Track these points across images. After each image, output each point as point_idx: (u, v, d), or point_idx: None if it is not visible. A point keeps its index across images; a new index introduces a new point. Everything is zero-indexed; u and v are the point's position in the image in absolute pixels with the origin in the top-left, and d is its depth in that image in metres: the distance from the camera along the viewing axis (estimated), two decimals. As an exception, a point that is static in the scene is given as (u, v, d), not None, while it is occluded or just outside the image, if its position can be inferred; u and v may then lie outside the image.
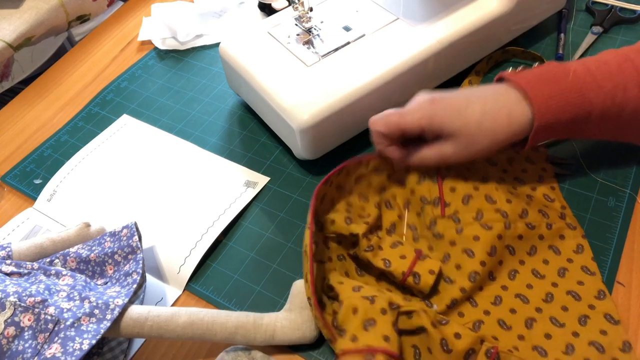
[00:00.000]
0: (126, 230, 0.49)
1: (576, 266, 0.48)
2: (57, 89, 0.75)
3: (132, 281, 0.46)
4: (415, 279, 0.46)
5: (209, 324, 0.43)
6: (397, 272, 0.46)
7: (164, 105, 0.69)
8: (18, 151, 0.67)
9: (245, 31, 0.62)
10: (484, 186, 0.51)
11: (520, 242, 0.49)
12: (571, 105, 0.45)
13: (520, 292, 0.47)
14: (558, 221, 0.50)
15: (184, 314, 0.43)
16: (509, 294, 0.47)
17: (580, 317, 0.45)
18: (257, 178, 0.59)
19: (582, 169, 0.55)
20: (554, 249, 0.49)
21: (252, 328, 0.43)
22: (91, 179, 0.61)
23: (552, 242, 0.49)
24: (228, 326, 0.43)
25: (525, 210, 0.49)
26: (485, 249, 0.47)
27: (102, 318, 0.42)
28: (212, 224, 0.55)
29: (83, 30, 1.05)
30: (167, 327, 0.42)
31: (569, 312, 0.45)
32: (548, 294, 0.46)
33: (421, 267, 0.46)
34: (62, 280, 0.46)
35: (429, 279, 0.46)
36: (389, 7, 0.62)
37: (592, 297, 0.46)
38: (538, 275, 0.48)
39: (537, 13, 0.66)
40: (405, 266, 0.46)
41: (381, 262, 0.47)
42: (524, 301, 0.46)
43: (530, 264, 0.48)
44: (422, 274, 0.46)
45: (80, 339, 0.41)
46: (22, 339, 0.41)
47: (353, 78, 0.55)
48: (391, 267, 0.47)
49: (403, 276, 0.46)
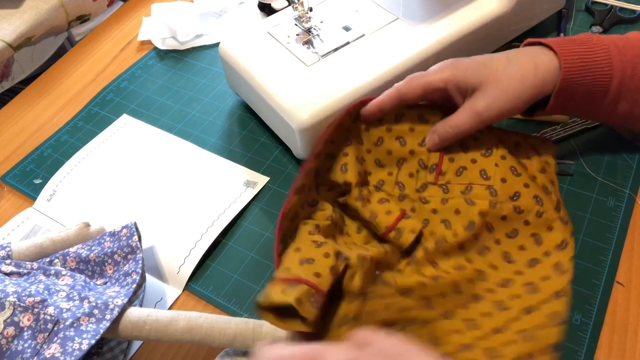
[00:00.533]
0: (126, 230, 0.49)
1: (550, 261, 0.47)
2: (57, 89, 0.75)
3: (132, 281, 0.46)
4: (397, 234, 0.47)
5: (207, 330, 0.42)
6: (380, 226, 0.48)
7: (163, 105, 0.69)
8: (18, 151, 0.67)
9: (245, 31, 0.63)
10: (484, 160, 0.50)
11: (503, 222, 0.48)
12: (595, 67, 0.46)
13: (483, 268, 0.47)
14: (552, 212, 0.49)
15: (182, 319, 0.43)
16: (470, 267, 0.47)
17: (526, 308, 0.44)
18: (257, 178, 0.59)
19: (582, 169, 0.55)
20: (537, 237, 0.48)
21: (251, 336, 0.42)
22: (91, 178, 0.61)
23: (538, 230, 0.48)
24: (227, 333, 0.42)
25: (519, 193, 0.49)
26: (462, 224, 0.47)
27: (102, 318, 0.42)
28: (212, 224, 0.55)
29: (83, 30, 1.05)
30: (166, 331, 0.42)
31: (518, 301, 0.45)
32: (508, 280, 0.46)
33: (404, 224, 0.48)
34: (62, 280, 0.46)
35: (409, 237, 0.47)
36: (389, 7, 0.62)
37: (549, 294, 0.45)
38: (508, 259, 0.48)
39: (536, 13, 0.66)
40: (389, 221, 0.48)
41: (368, 213, 0.49)
42: (481, 278, 0.47)
43: (505, 245, 0.48)
44: (404, 231, 0.47)
45: (79, 339, 0.41)
46: (21, 339, 0.41)
47: (353, 78, 0.55)
48: (377, 219, 0.48)
49: (386, 230, 0.48)
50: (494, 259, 0.48)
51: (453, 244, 0.47)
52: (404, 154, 0.52)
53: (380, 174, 0.53)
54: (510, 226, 0.48)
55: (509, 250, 0.48)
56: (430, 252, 0.47)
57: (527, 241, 0.48)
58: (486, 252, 0.48)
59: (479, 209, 0.47)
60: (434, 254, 0.47)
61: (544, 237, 0.48)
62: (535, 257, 0.47)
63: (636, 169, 0.54)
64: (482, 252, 0.48)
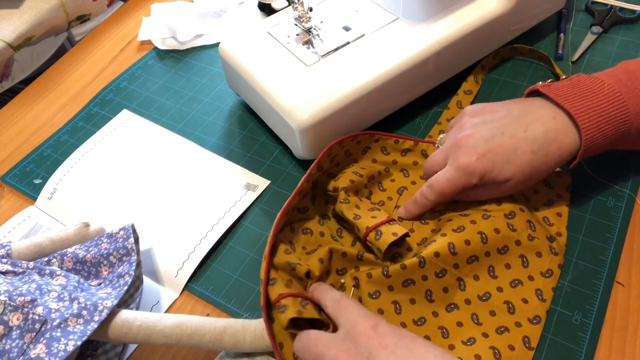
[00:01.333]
0: (123, 232, 0.49)
1: (533, 286, 0.47)
2: (57, 89, 0.75)
3: (124, 283, 0.46)
4: (377, 235, 0.47)
5: (197, 324, 0.42)
6: (362, 226, 0.48)
7: (163, 105, 0.69)
8: (18, 151, 0.67)
9: (245, 31, 0.63)
10: None
11: (496, 235, 0.48)
12: (614, 119, 0.45)
13: (464, 277, 0.47)
14: (543, 239, 0.49)
15: (172, 316, 0.43)
16: (453, 274, 0.47)
17: (500, 327, 0.45)
18: (258, 181, 0.59)
19: (582, 169, 0.55)
20: (524, 259, 0.48)
21: (241, 328, 0.43)
22: (92, 176, 0.61)
23: (527, 253, 0.48)
24: (217, 326, 0.42)
25: (514, 212, 0.49)
26: (452, 227, 0.48)
27: (90, 319, 0.42)
28: (212, 228, 0.55)
29: (83, 30, 1.05)
30: (155, 327, 0.42)
31: (493, 318, 0.45)
32: (487, 293, 0.46)
33: (387, 228, 0.47)
34: (56, 280, 0.45)
35: (388, 238, 0.46)
36: (389, 7, 0.62)
37: (525, 317, 0.45)
38: (491, 274, 0.47)
39: (536, 13, 0.66)
40: (371, 223, 0.48)
41: (352, 215, 0.49)
42: (460, 288, 0.47)
43: (493, 260, 0.48)
44: (384, 232, 0.47)
45: (65, 340, 0.40)
46: (9, 338, 0.41)
47: (353, 78, 0.55)
48: (360, 220, 0.48)
49: (366, 230, 0.47)
50: (479, 271, 0.47)
51: (444, 248, 0.46)
52: (406, 183, 0.55)
53: (381, 196, 0.54)
54: (502, 241, 0.48)
55: (495, 265, 0.47)
56: (415, 251, 0.48)
57: (514, 261, 0.48)
58: (473, 262, 0.47)
59: (471, 218, 0.48)
60: (419, 250, 0.48)
61: (531, 261, 0.48)
62: (519, 278, 0.47)
63: (636, 169, 0.54)
64: (470, 261, 0.47)
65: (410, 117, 0.63)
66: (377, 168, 0.55)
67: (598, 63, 0.65)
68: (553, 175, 0.53)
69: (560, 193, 0.52)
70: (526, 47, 0.66)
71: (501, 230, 0.48)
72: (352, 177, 0.52)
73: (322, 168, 0.52)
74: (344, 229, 0.52)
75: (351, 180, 0.52)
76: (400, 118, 0.63)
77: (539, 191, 0.52)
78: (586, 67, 0.64)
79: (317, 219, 0.51)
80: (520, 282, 0.47)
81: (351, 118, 0.56)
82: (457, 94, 0.63)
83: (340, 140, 0.53)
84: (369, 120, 0.59)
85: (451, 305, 0.46)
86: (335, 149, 0.53)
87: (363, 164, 0.55)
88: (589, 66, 0.64)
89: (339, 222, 0.52)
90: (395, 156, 0.56)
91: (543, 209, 0.51)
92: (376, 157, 0.56)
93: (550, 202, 0.52)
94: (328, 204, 0.54)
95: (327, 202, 0.54)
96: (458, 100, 0.62)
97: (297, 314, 0.41)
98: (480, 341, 0.44)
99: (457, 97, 0.62)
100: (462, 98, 0.62)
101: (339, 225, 0.52)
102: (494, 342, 0.44)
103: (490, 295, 0.46)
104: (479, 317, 0.45)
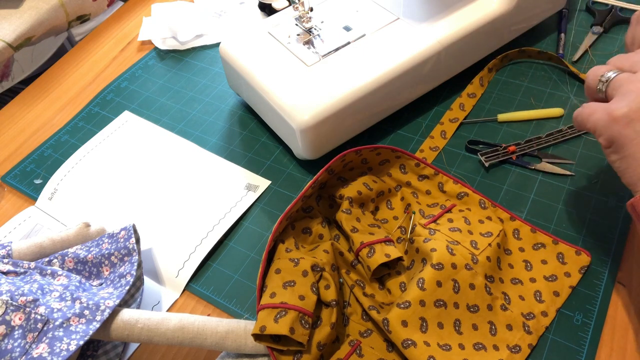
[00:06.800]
0: (124, 232, 0.49)
1: (497, 356, 0.43)
2: (57, 89, 0.75)
3: (125, 283, 0.46)
4: (369, 253, 0.47)
5: (199, 328, 0.42)
6: (357, 240, 0.48)
7: (164, 105, 0.69)
8: (18, 151, 0.67)
9: (246, 31, 0.62)
10: (481, 239, 0.48)
11: (469, 290, 0.45)
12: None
13: (428, 320, 0.44)
14: (517, 315, 0.45)
15: (175, 318, 0.43)
16: (417, 312, 0.44)
17: (477, 344, 0.44)
18: (258, 181, 0.59)
19: (582, 169, 0.55)
20: (492, 327, 0.45)
21: (243, 333, 0.43)
22: (93, 176, 0.61)
23: (495, 321, 0.45)
24: (219, 330, 0.42)
25: (492, 277, 0.47)
26: (432, 261, 0.45)
27: (92, 319, 0.42)
28: (212, 229, 0.55)
29: (83, 30, 1.05)
30: (158, 329, 0.42)
31: (475, 332, 0.44)
32: (446, 345, 0.43)
33: (381, 247, 0.47)
34: (57, 280, 0.45)
35: (379, 259, 0.46)
36: (390, 7, 0.62)
37: (505, 347, 0.43)
38: (456, 328, 0.44)
39: (537, 13, 0.66)
40: (366, 239, 0.48)
41: (349, 227, 0.49)
42: (422, 330, 0.43)
43: (461, 313, 0.45)
44: (377, 251, 0.47)
45: (67, 340, 0.40)
46: (11, 338, 0.41)
47: (353, 78, 0.55)
48: (356, 233, 0.48)
49: (361, 245, 0.47)
50: (444, 318, 0.44)
51: (431, 282, 0.45)
52: (414, 206, 0.54)
53: (387, 214, 0.54)
54: (474, 299, 0.45)
55: (462, 321, 0.44)
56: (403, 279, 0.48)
57: (482, 324, 0.45)
58: (441, 307, 0.44)
59: (452, 261, 0.45)
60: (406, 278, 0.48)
61: (499, 332, 0.45)
62: (483, 343, 0.44)
63: (637, 169, 0.54)
64: (438, 305, 0.44)
65: (412, 117, 0.63)
66: (389, 184, 0.54)
67: (598, 63, 0.65)
68: (571, 251, 0.49)
69: (569, 271, 0.48)
70: (534, 49, 0.65)
71: (477, 287, 0.45)
72: (360, 188, 0.51)
73: (333, 172, 0.52)
74: (341, 236, 0.51)
75: (359, 192, 0.51)
76: (402, 117, 0.63)
77: (547, 262, 0.49)
78: (586, 67, 0.64)
79: (319, 220, 0.51)
80: (483, 347, 0.44)
81: (352, 118, 0.56)
82: (461, 96, 0.63)
83: (358, 149, 0.51)
84: (369, 121, 0.59)
85: (408, 341, 0.43)
86: (351, 156, 0.51)
87: (377, 175, 0.55)
88: (590, 66, 0.64)
89: (338, 228, 0.52)
90: (411, 178, 0.55)
91: (540, 282, 0.48)
92: (392, 172, 0.55)
93: (553, 277, 0.48)
94: (332, 207, 0.53)
95: (331, 206, 0.53)
96: (461, 103, 0.62)
97: (259, 330, 0.40)
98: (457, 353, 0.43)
99: (461, 99, 0.62)
100: (464, 100, 0.62)
101: (337, 231, 0.52)
102: (470, 357, 0.43)
103: (450, 347, 0.43)
104: (460, 326, 0.44)
